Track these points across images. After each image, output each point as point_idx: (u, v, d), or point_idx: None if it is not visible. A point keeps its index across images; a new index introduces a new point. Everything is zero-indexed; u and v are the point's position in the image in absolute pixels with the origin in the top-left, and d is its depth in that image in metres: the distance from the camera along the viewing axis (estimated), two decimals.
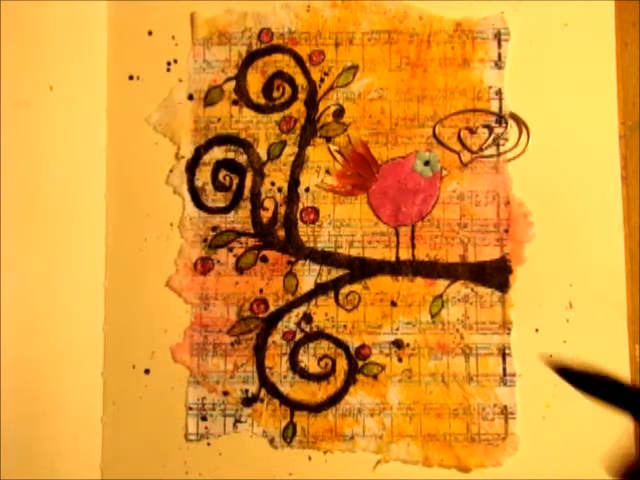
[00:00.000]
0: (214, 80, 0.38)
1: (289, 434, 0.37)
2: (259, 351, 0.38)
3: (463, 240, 0.37)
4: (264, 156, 0.38)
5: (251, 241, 0.38)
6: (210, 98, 0.38)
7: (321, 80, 0.38)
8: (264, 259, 0.38)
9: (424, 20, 0.38)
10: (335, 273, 0.38)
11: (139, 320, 0.38)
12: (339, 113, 0.38)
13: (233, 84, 0.38)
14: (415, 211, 0.38)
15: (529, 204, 0.37)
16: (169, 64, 0.39)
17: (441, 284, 0.37)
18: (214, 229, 0.38)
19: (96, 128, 0.38)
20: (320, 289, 0.38)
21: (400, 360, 0.37)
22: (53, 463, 0.38)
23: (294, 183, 0.38)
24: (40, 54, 0.38)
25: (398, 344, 0.37)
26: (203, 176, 0.38)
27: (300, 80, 0.38)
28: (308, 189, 0.38)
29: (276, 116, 0.38)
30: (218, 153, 0.38)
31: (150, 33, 0.39)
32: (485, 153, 0.38)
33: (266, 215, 0.38)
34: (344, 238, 0.38)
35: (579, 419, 0.36)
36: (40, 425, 0.38)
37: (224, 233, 0.38)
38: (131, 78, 0.39)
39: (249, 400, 0.37)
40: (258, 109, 0.38)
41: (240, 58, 0.38)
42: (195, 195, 0.38)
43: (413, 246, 0.38)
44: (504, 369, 0.37)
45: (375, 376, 0.37)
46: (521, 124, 0.38)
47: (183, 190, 0.38)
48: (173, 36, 0.39)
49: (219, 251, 0.38)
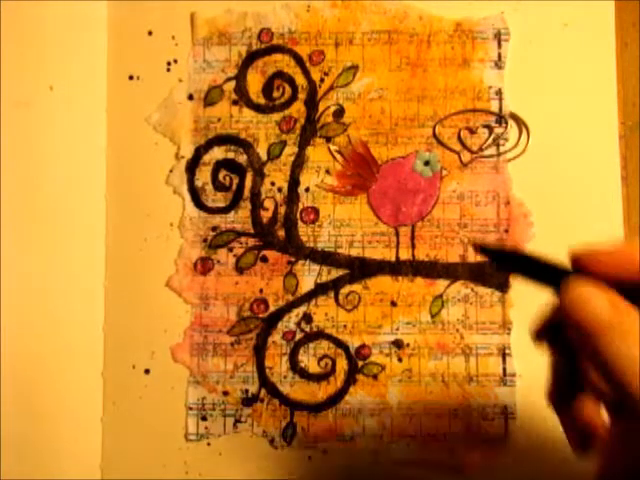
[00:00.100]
0: (214, 80, 0.38)
1: (289, 434, 0.37)
2: (259, 351, 0.38)
3: (463, 240, 0.37)
4: (264, 156, 0.38)
5: (251, 241, 0.38)
6: (210, 98, 0.38)
7: (321, 80, 0.38)
8: (264, 259, 0.38)
9: (424, 20, 0.38)
10: (335, 273, 0.38)
11: (139, 320, 0.38)
12: (339, 113, 0.38)
13: (233, 84, 0.38)
14: (415, 211, 0.38)
15: (529, 204, 0.37)
16: (169, 64, 0.39)
17: (441, 284, 0.37)
18: (214, 229, 0.38)
19: (96, 128, 0.38)
20: (320, 289, 0.38)
21: (400, 360, 0.37)
22: (53, 463, 0.38)
23: (294, 183, 0.38)
24: (40, 54, 0.38)
25: (398, 344, 0.37)
26: (203, 176, 0.38)
27: (300, 80, 0.38)
28: (308, 189, 0.38)
29: (276, 116, 0.38)
30: (218, 153, 0.38)
31: (150, 33, 0.39)
32: (485, 153, 0.38)
33: (266, 215, 0.38)
34: (344, 238, 0.38)
35: None
36: (40, 425, 0.38)
37: (224, 233, 0.38)
38: (131, 78, 0.39)
39: (249, 400, 0.37)
40: (258, 109, 0.38)
41: (240, 58, 0.38)
42: (195, 195, 0.38)
43: (413, 246, 0.38)
44: (504, 369, 0.37)
45: (375, 376, 0.37)
46: (521, 124, 0.38)
47: (183, 190, 0.38)
48: (173, 36, 0.39)
49: (219, 251, 0.38)
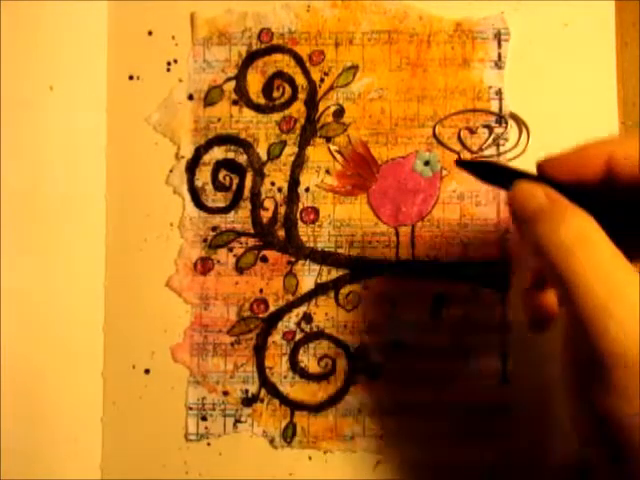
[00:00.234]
0: (214, 80, 0.38)
1: (289, 434, 0.37)
2: (259, 351, 0.38)
3: (463, 240, 0.37)
4: (264, 156, 0.38)
5: (251, 241, 0.38)
6: (210, 98, 0.38)
7: (321, 80, 0.38)
8: (264, 259, 0.38)
9: (424, 20, 0.38)
10: (335, 273, 0.38)
11: (139, 320, 0.38)
12: (339, 113, 0.38)
13: (233, 84, 0.38)
14: (415, 211, 0.38)
15: None
16: (169, 64, 0.39)
17: (441, 284, 0.37)
18: (214, 229, 0.38)
19: (96, 128, 0.38)
20: (320, 289, 0.38)
21: (400, 360, 0.37)
22: (53, 463, 0.38)
23: (294, 183, 0.38)
24: (40, 54, 0.38)
25: (398, 344, 0.37)
26: (203, 176, 0.38)
27: (300, 80, 0.38)
28: (308, 189, 0.38)
29: (276, 116, 0.38)
30: (218, 153, 0.38)
31: (150, 33, 0.39)
32: (485, 153, 0.38)
33: (266, 215, 0.38)
34: (344, 238, 0.38)
35: None
36: (40, 425, 0.38)
37: (224, 233, 0.38)
38: (131, 78, 0.39)
39: (249, 400, 0.37)
40: (258, 109, 0.38)
41: (240, 58, 0.38)
42: (195, 195, 0.38)
43: (413, 246, 0.38)
44: (504, 369, 0.37)
45: (375, 376, 0.37)
46: (521, 124, 0.38)
47: (183, 190, 0.38)
48: (173, 36, 0.39)
49: (219, 251, 0.38)
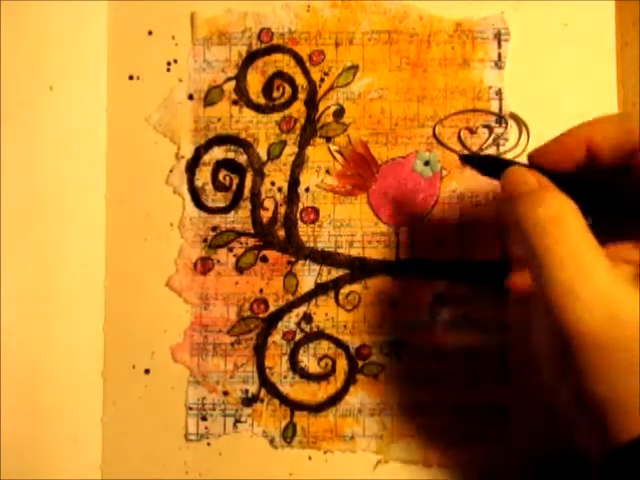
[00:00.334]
0: (214, 80, 0.38)
1: (289, 434, 0.37)
2: (259, 351, 0.38)
3: (463, 240, 0.37)
4: (264, 156, 0.38)
5: (251, 241, 0.38)
6: (210, 98, 0.38)
7: (321, 80, 0.38)
8: (264, 259, 0.38)
9: (424, 20, 0.38)
10: (335, 273, 0.38)
11: (139, 320, 0.38)
12: (339, 113, 0.38)
13: (233, 84, 0.38)
14: (415, 211, 0.38)
15: None
16: (169, 64, 0.39)
17: (441, 284, 0.37)
18: (214, 229, 0.38)
19: (96, 128, 0.38)
20: (320, 289, 0.38)
21: (400, 360, 0.37)
22: (53, 463, 0.38)
23: (294, 183, 0.38)
24: (40, 54, 0.38)
25: (398, 344, 0.37)
26: (203, 176, 0.38)
27: (300, 80, 0.38)
28: (308, 189, 0.38)
29: (276, 116, 0.38)
30: (218, 153, 0.38)
31: (150, 33, 0.39)
32: (485, 153, 0.38)
33: (266, 215, 0.38)
34: (344, 238, 0.38)
35: None
36: (40, 425, 0.38)
37: (224, 233, 0.38)
38: (131, 78, 0.39)
39: (249, 400, 0.37)
40: (258, 109, 0.38)
41: (240, 58, 0.38)
42: (195, 195, 0.38)
43: (413, 246, 0.38)
44: (504, 368, 0.37)
45: (375, 376, 0.37)
46: (521, 124, 0.38)
47: (183, 190, 0.38)
48: (173, 36, 0.39)
49: (219, 251, 0.38)
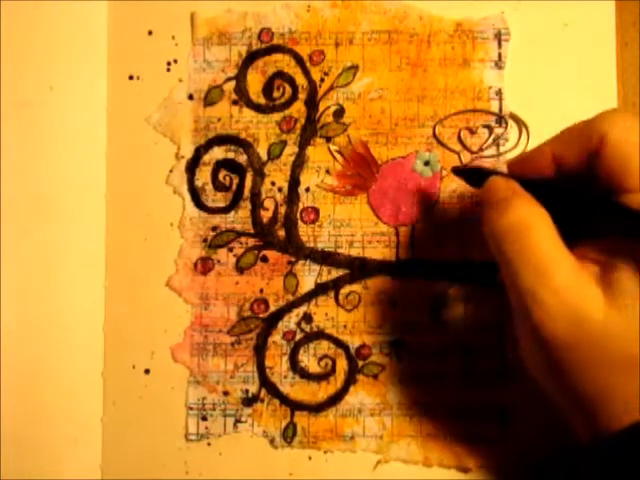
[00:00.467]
0: (214, 80, 0.38)
1: (289, 434, 0.37)
2: (259, 351, 0.38)
3: (463, 240, 0.37)
4: (264, 156, 0.38)
5: (251, 241, 0.38)
6: (210, 98, 0.38)
7: (321, 80, 0.38)
8: (264, 259, 0.38)
9: (424, 20, 0.38)
10: (335, 273, 0.38)
11: (139, 320, 0.38)
12: (339, 113, 0.38)
13: (233, 84, 0.38)
14: (415, 211, 0.38)
15: None
16: (169, 64, 0.39)
17: (441, 284, 0.37)
18: (214, 229, 0.38)
19: (96, 128, 0.38)
20: (320, 289, 0.38)
21: (400, 360, 0.37)
22: (53, 463, 0.38)
23: (294, 183, 0.38)
24: (40, 54, 0.38)
25: (398, 344, 0.37)
26: (203, 176, 0.38)
27: (300, 80, 0.38)
28: (308, 189, 0.38)
29: (276, 116, 0.38)
30: (218, 153, 0.38)
31: (150, 33, 0.39)
32: (485, 153, 0.38)
33: (266, 215, 0.38)
34: (344, 238, 0.38)
35: None
36: (40, 425, 0.38)
37: (224, 233, 0.38)
38: (131, 78, 0.39)
39: (249, 400, 0.38)
40: (258, 109, 0.38)
41: (240, 58, 0.38)
42: (195, 195, 0.38)
43: (413, 246, 0.38)
44: (504, 369, 0.37)
45: (375, 376, 0.37)
46: (521, 124, 0.38)
47: (183, 190, 0.38)
48: (173, 36, 0.39)
49: (219, 251, 0.38)
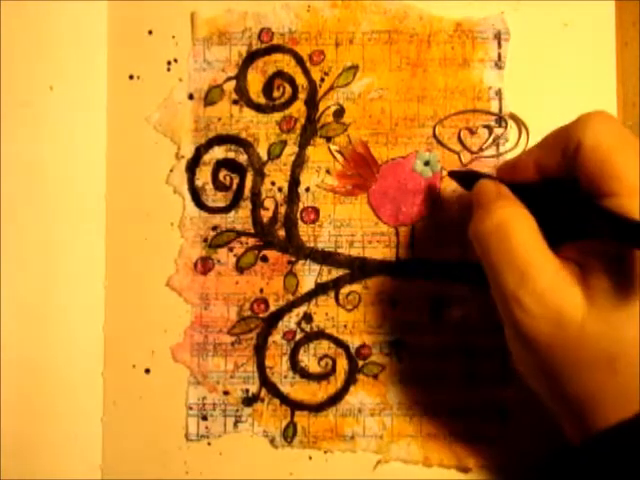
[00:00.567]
0: (214, 80, 0.38)
1: (290, 434, 0.37)
2: (259, 351, 0.38)
3: (463, 240, 0.37)
4: (264, 156, 0.38)
5: (251, 241, 0.38)
6: (210, 98, 0.38)
7: (321, 80, 0.38)
8: (264, 259, 0.38)
9: (424, 20, 0.38)
10: (335, 273, 0.38)
11: (139, 320, 0.38)
12: (339, 113, 0.38)
13: (233, 84, 0.38)
14: (415, 211, 0.38)
15: None
16: (169, 63, 0.39)
17: (441, 284, 0.37)
18: (214, 229, 0.38)
19: (96, 128, 0.38)
20: (320, 289, 0.38)
21: (400, 360, 0.37)
22: (53, 463, 0.38)
23: (294, 183, 0.38)
24: (40, 54, 0.38)
25: (398, 344, 0.37)
26: (203, 176, 0.38)
27: (300, 80, 0.38)
28: (308, 189, 0.38)
29: (276, 116, 0.38)
30: (218, 153, 0.38)
31: (150, 32, 0.39)
32: (485, 153, 0.38)
33: (266, 215, 0.38)
34: (344, 238, 0.38)
35: None
36: (40, 425, 0.38)
37: (224, 233, 0.38)
38: (131, 78, 0.39)
39: (249, 400, 0.38)
40: (258, 109, 0.38)
41: (240, 58, 0.38)
42: (195, 195, 0.38)
43: (413, 246, 0.38)
44: (504, 368, 0.37)
45: (375, 376, 0.37)
46: (521, 125, 0.38)
47: (183, 190, 0.38)
48: (173, 36, 0.39)
49: (219, 251, 0.38)
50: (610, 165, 0.26)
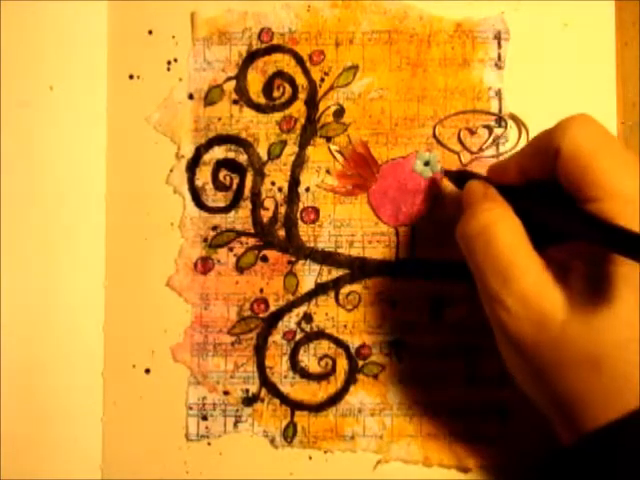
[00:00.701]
0: (214, 80, 0.38)
1: (290, 434, 0.37)
2: (259, 351, 0.38)
3: None
4: (264, 156, 0.38)
5: (251, 241, 0.38)
6: (210, 98, 0.38)
7: (321, 80, 0.38)
8: (264, 259, 0.38)
9: (424, 20, 0.38)
10: (335, 273, 0.38)
11: (139, 320, 0.38)
12: (339, 113, 0.38)
13: (233, 84, 0.38)
14: (415, 211, 0.38)
15: None
16: (169, 63, 0.39)
17: (441, 284, 0.37)
18: (214, 229, 0.38)
19: (96, 128, 0.38)
20: (320, 289, 0.38)
21: (400, 360, 0.37)
22: (53, 463, 0.38)
23: (294, 183, 0.38)
24: (40, 54, 0.38)
25: (398, 344, 0.37)
26: (203, 176, 0.38)
27: (300, 80, 0.38)
28: (308, 189, 0.38)
29: (276, 116, 0.38)
30: (218, 153, 0.38)
31: (150, 32, 0.39)
32: (485, 154, 0.38)
33: (266, 215, 0.38)
34: (344, 238, 0.38)
35: None
36: (40, 425, 0.38)
37: (224, 233, 0.38)
38: (131, 77, 0.39)
39: (249, 400, 0.38)
40: (258, 109, 0.38)
41: (240, 58, 0.38)
42: (195, 195, 0.38)
43: (413, 246, 0.38)
44: (504, 369, 0.37)
45: (375, 376, 0.37)
46: (520, 125, 0.38)
47: (183, 190, 0.38)
48: (173, 35, 0.39)
49: (219, 251, 0.38)
50: (589, 171, 0.26)
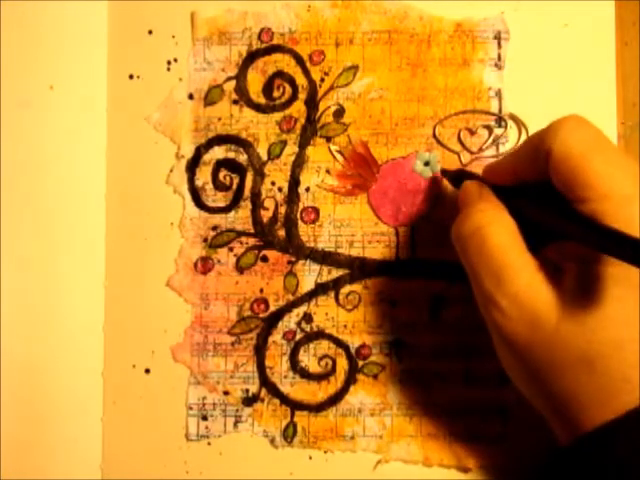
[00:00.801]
0: (214, 79, 0.38)
1: (290, 434, 0.37)
2: (259, 351, 0.38)
3: None
4: (264, 156, 0.38)
5: (251, 241, 0.38)
6: (210, 98, 0.38)
7: (321, 80, 0.38)
8: (264, 259, 0.38)
9: (424, 20, 0.38)
10: (335, 273, 0.38)
11: (139, 320, 0.38)
12: (339, 113, 0.38)
13: (233, 84, 0.38)
14: (415, 211, 0.38)
15: None
16: (169, 63, 0.39)
17: (441, 284, 0.37)
18: (214, 229, 0.38)
19: (96, 128, 0.38)
20: (320, 289, 0.38)
21: (400, 360, 0.37)
22: (53, 463, 0.38)
23: (294, 183, 0.38)
24: (40, 54, 0.38)
25: (398, 344, 0.37)
26: (203, 176, 0.38)
27: (300, 80, 0.38)
28: (308, 189, 0.38)
29: (276, 116, 0.38)
30: (218, 153, 0.38)
31: (150, 32, 0.39)
32: (485, 154, 0.38)
33: (266, 215, 0.38)
34: (344, 238, 0.38)
35: None
36: (40, 425, 0.38)
37: (224, 233, 0.38)
38: (131, 77, 0.39)
39: (249, 400, 0.38)
40: (258, 109, 0.38)
41: (240, 58, 0.38)
42: (195, 195, 0.38)
43: (413, 246, 0.38)
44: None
45: (375, 376, 0.37)
46: (520, 125, 0.38)
47: (183, 190, 0.38)
48: (173, 35, 0.39)
49: (219, 251, 0.38)
50: (580, 172, 0.26)
